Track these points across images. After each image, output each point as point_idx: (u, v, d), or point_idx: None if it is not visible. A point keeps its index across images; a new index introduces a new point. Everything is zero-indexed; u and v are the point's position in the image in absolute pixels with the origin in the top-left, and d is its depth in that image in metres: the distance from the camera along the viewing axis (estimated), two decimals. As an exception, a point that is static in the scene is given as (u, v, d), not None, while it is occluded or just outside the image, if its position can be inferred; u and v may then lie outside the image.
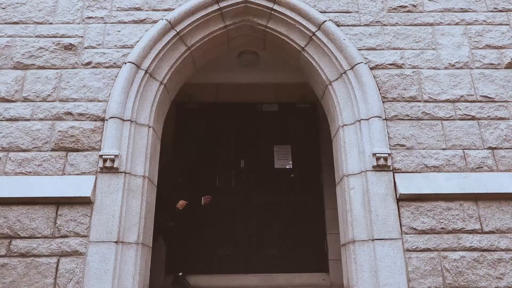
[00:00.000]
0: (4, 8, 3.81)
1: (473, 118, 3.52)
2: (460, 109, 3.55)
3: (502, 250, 3.12)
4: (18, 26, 3.74)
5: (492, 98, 3.58)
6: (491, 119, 3.51)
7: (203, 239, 5.08)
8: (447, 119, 3.52)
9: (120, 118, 3.39)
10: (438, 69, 3.68)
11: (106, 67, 3.61)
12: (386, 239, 3.14)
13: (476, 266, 3.08)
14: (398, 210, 3.22)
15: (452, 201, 3.24)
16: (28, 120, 3.42)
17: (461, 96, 3.59)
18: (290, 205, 5.30)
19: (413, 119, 3.51)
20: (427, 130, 3.48)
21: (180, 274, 4.45)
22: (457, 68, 3.69)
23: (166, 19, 3.74)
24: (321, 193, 5.32)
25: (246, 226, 5.18)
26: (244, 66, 5.52)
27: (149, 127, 3.55)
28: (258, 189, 5.36)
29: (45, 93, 3.51)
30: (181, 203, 4.46)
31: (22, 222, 3.10)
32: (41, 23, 3.76)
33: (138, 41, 3.69)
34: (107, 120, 3.40)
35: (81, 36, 3.72)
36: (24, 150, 3.33)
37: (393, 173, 3.34)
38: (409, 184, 3.25)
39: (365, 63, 3.65)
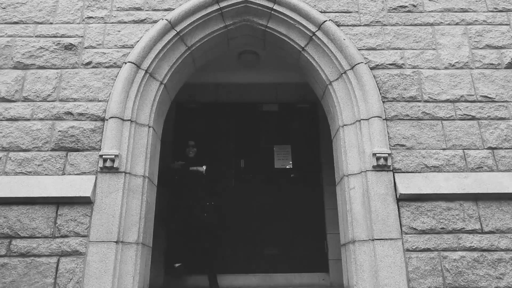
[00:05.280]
0: (4, 8, 3.81)
1: (473, 118, 3.52)
2: (460, 109, 3.55)
3: (502, 250, 3.12)
4: (18, 26, 3.74)
5: (492, 98, 3.58)
6: (491, 119, 3.51)
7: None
8: (447, 119, 3.52)
9: (120, 118, 3.39)
10: (438, 69, 3.68)
11: (106, 67, 3.61)
12: (386, 239, 3.14)
13: (476, 266, 3.08)
14: (398, 210, 3.22)
15: (452, 201, 3.24)
16: (28, 120, 3.42)
17: (461, 96, 3.59)
18: (290, 205, 5.30)
19: (413, 119, 3.51)
20: (427, 130, 3.48)
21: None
22: (457, 68, 3.69)
23: (166, 19, 3.74)
24: (321, 193, 5.32)
25: (246, 226, 5.18)
26: (244, 66, 5.52)
27: (149, 127, 3.55)
28: (258, 189, 5.36)
29: (45, 93, 3.51)
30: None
31: (22, 222, 3.10)
32: (41, 23, 3.76)
33: (138, 41, 3.69)
34: (107, 120, 3.40)
35: (81, 36, 3.72)
36: (24, 150, 3.33)
37: (393, 173, 3.34)
38: (409, 184, 3.25)
39: (365, 63, 3.65)
